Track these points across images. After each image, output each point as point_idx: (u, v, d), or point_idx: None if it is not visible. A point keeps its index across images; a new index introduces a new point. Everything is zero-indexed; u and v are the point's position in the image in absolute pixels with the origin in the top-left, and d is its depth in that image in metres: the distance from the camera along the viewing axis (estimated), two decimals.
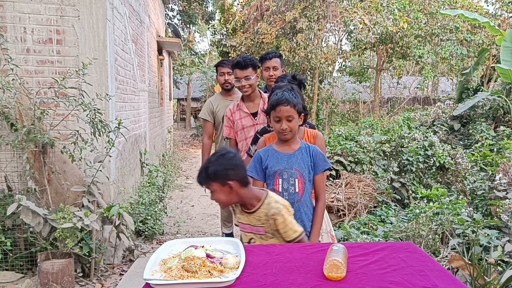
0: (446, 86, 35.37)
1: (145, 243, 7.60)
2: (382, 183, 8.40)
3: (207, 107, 6.52)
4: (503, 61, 12.67)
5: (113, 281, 6.10)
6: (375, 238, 6.17)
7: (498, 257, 5.07)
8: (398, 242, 3.33)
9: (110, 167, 6.92)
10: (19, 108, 5.87)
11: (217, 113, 6.41)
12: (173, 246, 2.93)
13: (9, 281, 5.77)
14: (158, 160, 14.40)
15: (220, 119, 6.26)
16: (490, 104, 12.89)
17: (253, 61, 5.53)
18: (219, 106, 6.40)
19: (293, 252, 2.94)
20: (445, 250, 5.73)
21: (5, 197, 5.96)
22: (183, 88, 35.63)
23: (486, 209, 6.67)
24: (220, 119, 6.30)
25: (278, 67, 5.70)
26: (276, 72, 5.67)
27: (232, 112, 5.66)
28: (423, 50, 21.44)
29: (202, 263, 2.58)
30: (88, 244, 5.86)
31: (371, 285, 2.44)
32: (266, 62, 5.75)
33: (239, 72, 5.44)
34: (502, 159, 8.03)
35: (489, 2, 23.60)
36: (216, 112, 6.41)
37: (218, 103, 6.47)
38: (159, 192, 9.46)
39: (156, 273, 2.55)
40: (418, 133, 9.70)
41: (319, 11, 19.76)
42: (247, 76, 5.42)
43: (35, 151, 5.90)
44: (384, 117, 23.69)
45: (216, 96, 6.69)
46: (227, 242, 3.03)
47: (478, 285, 4.74)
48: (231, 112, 5.66)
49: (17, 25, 6.26)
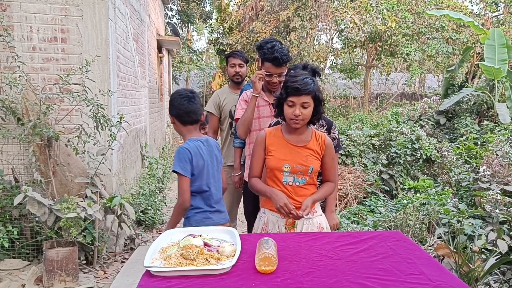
0: (433, 83, 35.43)
1: (145, 232, 7.60)
2: (372, 175, 8.41)
3: (214, 100, 5.95)
4: (487, 58, 12.71)
5: (115, 268, 6.10)
6: (364, 228, 6.18)
7: (482, 246, 5.08)
8: (387, 231, 3.35)
9: (112, 160, 6.91)
10: (26, 104, 5.86)
11: (223, 107, 5.85)
12: (172, 235, 2.94)
13: (16, 268, 5.77)
14: (158, 153, 14.39)
15: (227, 113, 5.82)
16: (475, 100, 12.89)
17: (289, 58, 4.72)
18: (227, 99, 5.85)
19: (287, 240, 2.94)
20: (431, 238, 5.74)
21: (12, 188, 5.95)
22: (182, 84, 35.53)
23: (470, 199, 6.68)
24: (226, 113, 5.83)
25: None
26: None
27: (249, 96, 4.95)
28: (410, 48, 21.42)
29: (200, 251, 2.58)
30: (91, 233, 5.86)
31: (361, 272, 2.45)
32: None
33: (274, 68, 4.65)
34: (486, 152, 8.04)
35: (473, 3, 23.70)
36: (223, 105, 5.85)
37: (225, 96, 5.88)
38: (159, 184, 9.46)
39: (156, 261, 2.55)
40: (406, 127, 9.72)
41: (311, 11, 19.72)
42: (282, 73, 4.64)
43: (40, 145, 5.89)
44: (374, 112, 23.66)
45: (224, 89, 6.08)
46: (223, 231, 3.03)
47: (463, 272, 4.75)
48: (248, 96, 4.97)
49: (24, 24, 6.24)
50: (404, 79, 30.18)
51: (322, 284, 2.30)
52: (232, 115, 5.69)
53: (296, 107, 3.39)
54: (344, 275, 2.41)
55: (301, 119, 3.42)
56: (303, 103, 3.38)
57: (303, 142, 3.58)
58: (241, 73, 5.85)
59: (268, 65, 4.63)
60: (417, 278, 2.39)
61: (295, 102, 3.39)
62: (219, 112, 5.89)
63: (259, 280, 2.34)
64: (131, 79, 9.05)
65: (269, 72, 4.65)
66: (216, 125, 5.96)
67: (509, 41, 13.17)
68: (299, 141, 3.58)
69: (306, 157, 3.54)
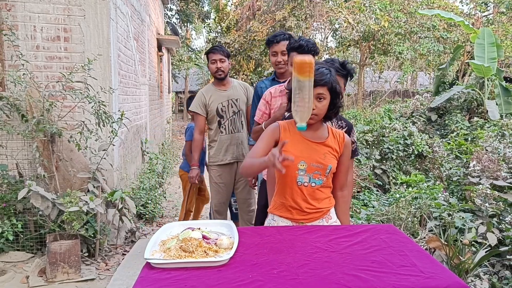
0: (424, 80, 35.45)
1: (145, 226, 7.60)
2: (365, 170, 8.40)
3: (199, 99, 5.65)
4: (477, 57, 12.72)
5: (116, 261, 6.10)
6: (358, 221, 6.17)
7: (472, 238, 5.09)
8: (380, 225, 3.34)
9: (114, 155, 6.91)
10: (30, 101, 5.85)
11: (210, 106, 5.59)
12: (172, 228, 2.93)
13: (20, 260, 5.78)
14: (158, 148, 14.38)
15: (214, 112, 5.58)
16: (465, 97, 12.90)
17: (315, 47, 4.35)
18: (212, 97, 5.59)
19: (283, 234, 2.94)
20: (423, 232, 5.75)
21: (17, 183, 5.97)
22: (181, 82, 35.54)
23: (461, 194, 6.68)
24: (214, 112, 5.58)
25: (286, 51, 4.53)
26: (285, 57, 4.75)
27: (272, 96, 4.57)
28: (402, 47, 21.43)
29: (198, 244, 2.58)
30: (93, 226, 5.86)
31: (355, 264, 2.44)
32: (273, 46, 4.84)
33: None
34: (476, 147, 8.03)
35: (463, 3, 23.67)
36: (209, 104, 5.59)
37: (211, 94, 5.62)
38: (158, 178, 9.49)
39: (156, 253, 2.55)
40: (398, 124, 9.71)
41: (306, 11, 19.77)
42: None
43: (44, 140, 5.88)
44: (367, 109, 23.69)
45: (208, 87, 5.78)
46: (221, 225, 3.03)
47: (454, 264, 4.76)
48: (271, 96, 4.57)
49: (28, 23, 6.23)
50: (397, 77, 30.24)
51: (317, 276, 2.30)
52: (220, 113, 5.59)
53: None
54: (339, 267, 2.41)
55: (315, 114, 3.01)
56: (318, 95, 2.98)
57: (321, 139, 3.16)
58: (223, 68, 5.51)
59: (293, 55, 4.17)
60: (409, 270, 2.39)
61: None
62: (205, 111, 5.64)
63: (256, 272, 2.34)
64: (132, 77, 9.04)
65: None
66: (202, 125, 5.71)
67: (498, 40, 13.21)
68: (316, 137, 3.15)
69: (324, 155, 3.12)
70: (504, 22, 20.64)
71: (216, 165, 5.68)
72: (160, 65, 16.29)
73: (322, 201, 3.20)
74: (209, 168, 5.88)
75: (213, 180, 5.80)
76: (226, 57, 5.53)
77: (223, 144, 5.66)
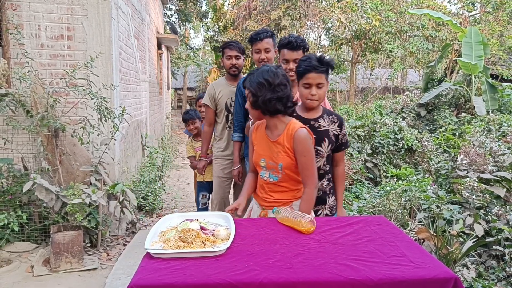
0: (414, 77, 35.39)
1: (146, 217, 7.59)
2: (357, 163, 8.41)
3: (209, 92, 5.42)
4: (464, 55, 12.72)
5: (117, 251, 6.10)
6: (350, 213, 6.19)
7: (459, 229, 5.09)
8: (371, 216, 3.33)
9: (115, 149, 6.91)
10: (34, 97, 5.84)
11: (219, 99, 5.35)
12: (171, 220, 2.94)
13: (25, 251, 5.78)
14: (158, 143, 14.37)
15: (222, 106, 5.34)
16: (453, 93, 12.91)
17: (304, 42, 4.23)
18: (222, 91, 5.33)
19: (278, 225, 2.94)
20: (412, 223, 5.75)
21: (22, 176, 5.96)
22: (180, 78, 35.44)
23: (449, 186, 6.69)
24: (222, 106, 5.35)
25: (270, 49, 4.70)
26: (268, 54, 4.72)
27: None
28: (393, 45, 21.38)
29: (196, 235, 2.58)
30: (95, 217, 5.85)
31: (347, 254, 2.45)
32: (256, 44, 4.74)
33: (291, 53, 4.16)
34: (463, 142, 8.04)
35: (451, 3, 23.62)
36: (218, 98, 5.34)
37: (221, 88, 5.35)
38: (158, 172, 9.46)
39: (155, 244, 2.55)
40: (389, 119, 9.71)
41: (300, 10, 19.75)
42: (297, 59, 4.05)
43: (48, 135, 5.87)
44: (359, 104, 23.65)
45: (220, 81, 5.53)
46: (219, 216, 3.04)
47: (442, 254, 4.77)
48: None
49: (32, 23, 6.22)
50: (387, 74, 30.25)
51: (311, 265, 2.30)
52: (229, 108, 5.35)
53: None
54: (331, 257, 2.41)
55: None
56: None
57: (275, 137, 3.27)
58: (237, 65, 5.28)
59: (283, 52, 4.20)
60: (399, 259, 2.39)
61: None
62: (214, 104, 5.40)
63: (252, 261, 2.34)
64: (133, 74, 9.03)
65: (286, 59, 4.18)
66: (212, 117, 5.49)
67: (485, 39, 13.21)
68: (274, 136, 3.28)
69: (277, 153, 3.24)
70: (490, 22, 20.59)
71: (220, 159, 5.56)
72: (159, 63, 16.25)
73: (282, 194, 3.34)
74: (213, 161, 5.66)
75: (216, 174, 5.54)
76: (241, 54, 5.33)
77: (229, 139, 5.38)
